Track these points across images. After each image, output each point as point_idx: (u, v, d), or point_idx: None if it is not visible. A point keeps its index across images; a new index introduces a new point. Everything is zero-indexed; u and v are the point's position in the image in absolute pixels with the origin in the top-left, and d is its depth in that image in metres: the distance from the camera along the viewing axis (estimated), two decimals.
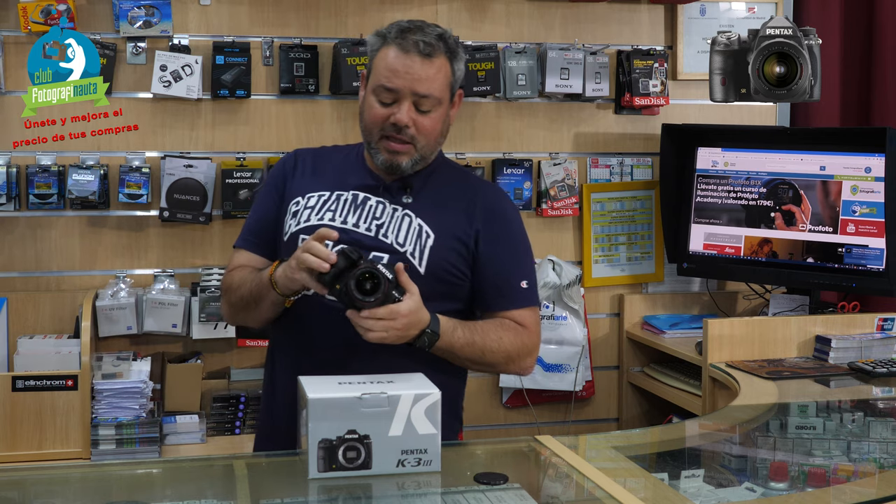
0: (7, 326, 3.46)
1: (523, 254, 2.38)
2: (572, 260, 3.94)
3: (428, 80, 2.22)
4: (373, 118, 2.25)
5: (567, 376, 3.83)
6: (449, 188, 2.35)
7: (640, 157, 4.01)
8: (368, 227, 2.27)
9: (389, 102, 2.23)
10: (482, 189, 2.40)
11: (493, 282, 2.30)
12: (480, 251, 2.29)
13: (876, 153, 3.42)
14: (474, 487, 1.91)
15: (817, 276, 3.54)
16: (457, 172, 2.44)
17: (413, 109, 2.23)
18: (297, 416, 2.05)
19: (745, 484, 2.13)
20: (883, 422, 2.73)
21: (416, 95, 2.22)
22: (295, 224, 2.31)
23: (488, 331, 2.26)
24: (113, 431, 3.21)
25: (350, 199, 2.31)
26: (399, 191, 2.31)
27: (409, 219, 2.28)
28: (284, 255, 2.29)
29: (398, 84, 2.21)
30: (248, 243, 2.39)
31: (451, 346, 2.20)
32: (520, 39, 3.84)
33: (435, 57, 2.23)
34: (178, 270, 3.62)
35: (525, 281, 2.32)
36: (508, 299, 2.30)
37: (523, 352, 2.31)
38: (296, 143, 3.66)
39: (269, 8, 3.66)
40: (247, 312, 2.33)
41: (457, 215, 2.30)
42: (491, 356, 2.25)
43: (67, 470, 2.50)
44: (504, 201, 2.41)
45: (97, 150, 3.54)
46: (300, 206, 2.33)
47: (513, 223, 2.37)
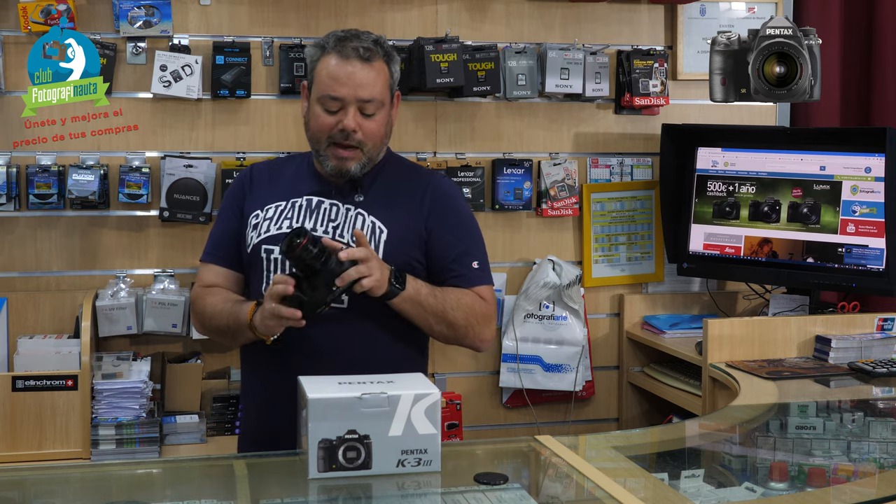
0: (7, 326, 3.45)
1: (472, 237, 2.50)
2: (572, 260, 3.94)
3: (370, 84, 2.35)
4: (320, 127, 2.38)
5: (567, 376, 3.83)
6: (397, 183, 2.47)
7: (640, 157, 4.01)
8: (325, 229, 2.39)
9: (335, 110, 2.36)
10: (428, 179, 2.52)
11: (447, 265, 2.43)
12: (432, 238, 2.43)
13: (876, 153, 3.42)
14: (474, 487, 1.91)
15: (817, 276, 3.54)
16: (404, 167, 2.55)
17: (358, 115, 2.35)
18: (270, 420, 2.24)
19: (745, 484, 2.13)
20: (883, 422, 2.74)
21: (361, 101, 2.35)
22: (256, 236, 2.43)
23: (448, 291, 2.40)
24: (113, 431, 3.22)
25: (304, 204, 2.44)
26: (350, 191, 2.43)
27: (363, 217, 2.40)
28: (249, 265, 2.44)
29: (342, 92, 2.34)
30: (213, 257, 2.52)
31: (417, 291, 2.32)
32: (520, 39, 3.84)
33: (374, 61, 2.37)
34: (178, 270, 3.62)
35: (476, 262, 2.45)
36: (462, 279, 2.44)
37: (482, 318, 2.43)
38: (296, 143, 3.66)
39: (269, 8, 3.66)
40: (221, 339, 2.57)
41: (406, 208, 2.43)
42: (452, 314, 2.38)
43: (67, 470, 2.51)
44: (450, 189, 2.54)
45: (97, 150, 3.54)
46: (259, 218, 2.45)
47: (460, 209, 2.51)
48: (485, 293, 2.45)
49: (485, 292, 2.45)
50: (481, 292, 2.45)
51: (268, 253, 2.41)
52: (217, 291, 2.48)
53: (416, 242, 2.42)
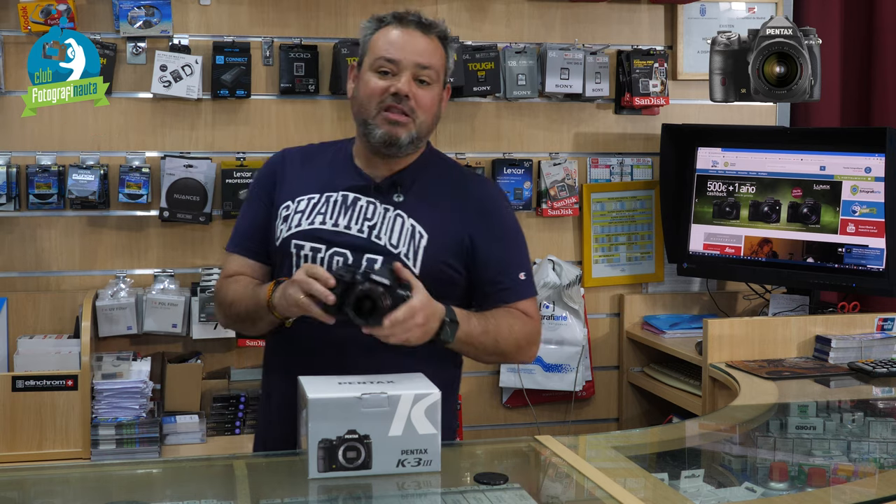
0: (7, 326, 3.46)
1: (518, 246, 2.36)
2: (572, 260, 3.94)
3: (428, 52, 2.24)
4: (371, 91, 2.23)
5: (567, 376, 3.83)
6: (440, 184, 2.33)
7: (640, 157, 4.01)
8: (360, 228, 2.24)
9: (390, 75, 2.23)
10: (473, 183, 2.39)
11: (492, 277, 2.29)
12: (476, 248, 2.28)
13: (876, 153, 3.42)
14: (474, 487, 1.91)
15: (817, 276, 3.54)
16: (447, 166, 2.40)
17: (413, 83, 2.22)
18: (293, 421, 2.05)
19: (745, 484, 2.13)
20: (883, 422, 2.73)
21: (418, 67, 2.22)
22: (286, 229, 2.28)
23: (500, 319, 2.25)
24: (113, 431, 3.21)
25: (340, 200, 2.28)
26: (389, 189, 2.28)
27: (402, 219, 2.25)
28: (277, 260, 2.29)
29: (400, 55, 2.22)
30: (240, 248, 2.36)
31: (469, 334, 2.17)
32: (520, 39, 3.84)
33: (433, 34, 2.27)
34: (178, 270, 3.62)
35: (523, 272, 2.31)
36: (509, 292, 2.29)
37: (530, 339, 2.31)
38: (296, 143, 3.61)
39: (269, 8, 3.66)
40: (242, 327, 2.35)
41: (450, 213, 2.28)
42: (504, 344, 2.24)
43: (67, 470, 2.50)
44: (496, 193, 2.41)
45: (97, 150, 3.55)
46: (290, 210, 2.30)
47: (506, 216, 2.36)
48: (530, 308, 2.31)
49: (530, 307, 2.32)
50: (527, 308, 2.30)
51: (298, 248, 2.26)
52: (239, 279, 2.32)
53: (457, 251, 2.26)
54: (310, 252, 2.24)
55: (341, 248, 2.23)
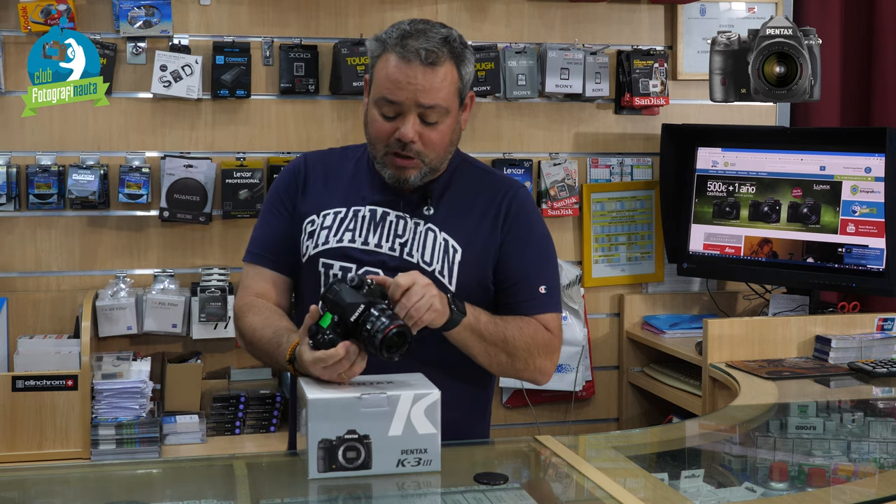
0: (7, 326, 3.46)
1: (543, 258, 2.25)
2: (572, 260, 3.94)
3: (433, 90, 2.08)
4: (377, 133, 2.13)
5: (567, 376, 3.83)
6: (471, 192, 2.23)
7: (640, 157, 4.01)
8: (392, 246, 2.16)
9: (393, 116, 2.10)
10: (506, 190, 2.25)
11: (511, 286, 2.21)
12: (503, 256, 2.20)
13: (876, 153, 3.42)
14: (474, 487, 1.91)
15: (817, 276, 3.54)
16: (478, 174, 2.28)
17: (418, 123, 2.10)
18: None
19: (745, 484, 2.13)
20: (883, 422, 2.73)
21: (421, 107, 2.09)
22: (313, 246, 2.20)
23: (509, 320, 2.17)
24: (113, 431, 3.21)
25: (368, 215, 2.19)
26: (419, 202, 2.19)
27: (434, 234, 2.17)
28: (303, 275, 2.22)
29: (401, 97, 2.08)
30: (262, 259, 2.26)
31: (477, 321, 2.10)
32: (520, 39, 3.84)
33: (439, 65, 2.08)
34: (178, 270, 3.62)
35: (544, 286, 2.20)
36: (526, 304, 2.20)
37: (543, 348, 2.19)
38: (296, 143, 3.66)
39: (269, 8, 3.66)
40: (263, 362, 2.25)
41: (482, 223, 2.20)
42: (513, 344, 2.14)
43: (67, 470, 2.50)
44: (528, 202, 2.28)
45: (97, 150, 3.55)
46: (316, 225, 2.21)
47: (535, 225, 2.25)
48: (550, 322, 2.20)
49: (550, 321, 2.20)
50: (546, 321, 2.20)
51: (326, 267, 2.17)
52: (259, 309, 2.19)
53: (489, 263, 2.18)
54: (339, 272, 2.17)
55: (373, 268, 2.16)
